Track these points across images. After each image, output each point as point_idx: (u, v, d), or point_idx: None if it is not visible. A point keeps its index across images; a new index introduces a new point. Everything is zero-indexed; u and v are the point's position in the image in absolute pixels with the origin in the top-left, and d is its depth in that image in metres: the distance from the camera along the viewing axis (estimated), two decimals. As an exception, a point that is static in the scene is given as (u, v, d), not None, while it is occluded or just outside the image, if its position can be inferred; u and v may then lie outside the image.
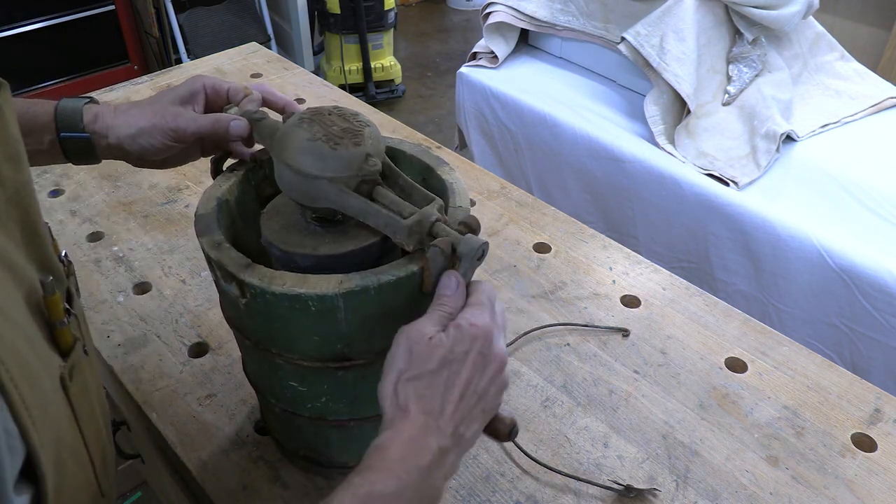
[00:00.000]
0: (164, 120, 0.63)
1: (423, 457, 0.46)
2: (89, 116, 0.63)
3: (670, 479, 0.69)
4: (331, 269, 0.52)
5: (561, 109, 1.71)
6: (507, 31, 1.87)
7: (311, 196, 0.55)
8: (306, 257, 0.55)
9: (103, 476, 0.50)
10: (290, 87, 1.34)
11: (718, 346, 0.84)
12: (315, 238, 0.57)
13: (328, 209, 0.56)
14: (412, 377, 0.48)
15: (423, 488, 0.46)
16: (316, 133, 0.54)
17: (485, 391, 0.51)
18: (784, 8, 1.52)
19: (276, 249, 0.56)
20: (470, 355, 0.49)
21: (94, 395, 0.50)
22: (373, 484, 0.44)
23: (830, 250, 1.32)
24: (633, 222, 1.64)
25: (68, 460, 0.43)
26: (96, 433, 0.49)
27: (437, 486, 0.48)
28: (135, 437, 0.95)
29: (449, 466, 0.49)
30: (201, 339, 0.83)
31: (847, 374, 0.80)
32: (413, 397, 0.48)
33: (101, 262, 0.93)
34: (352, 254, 0.55)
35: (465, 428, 0.50)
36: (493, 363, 0.51)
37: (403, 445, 0.46)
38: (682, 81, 1.50)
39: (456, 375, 0.49)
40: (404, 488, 0.45)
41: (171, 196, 1.06)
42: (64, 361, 0.43)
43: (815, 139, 1.53)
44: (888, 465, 0.71)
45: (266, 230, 0.58)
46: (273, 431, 0.71)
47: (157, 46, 2.74)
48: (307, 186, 0.54)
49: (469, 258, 0.51)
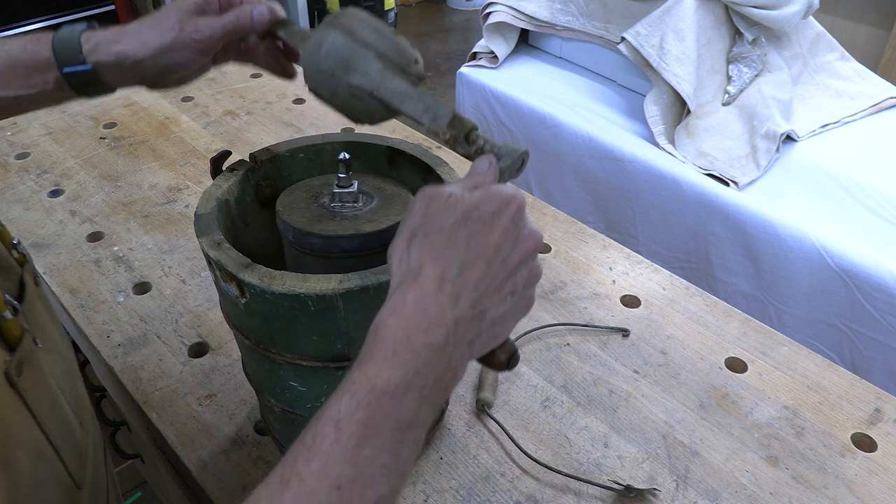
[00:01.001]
0: (185, 33, 0.58)
1: (435, 332, 0.37)
2: (88, 46, 0.58)
3: (670, 479, 0.69)
4: (374, 249, 0.54)
5: (561, 109, 1.71)
6: (507, 31, 1.87)
7: (348, 66, 0.51)
8: (352, 238, 0.56)
9: (77, 468, 0.49)
10: (290, 87, 1.34)
11: (718, 346, 0.84)
12: (342, 223, 0.58)
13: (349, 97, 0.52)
14: (428, 233, 0.40)
15: (437, 371, 0.37)
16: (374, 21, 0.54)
17: (516, 268, 0.41)
18: (784, 8, 1.52)
19: (316, 238, 0.57)
20: (500, 218, 0.40)
21: (58, 386, 0.48)
22: (373, 380, 0.36)
23: (830, 250, 1.32)
24: (633, 222, 1.64)
25: (21, 457, 0.42)
26: (62, 426, 0.48)
27: (453, 366, 0.39)
28: (135, 437, 0.95)
29: (466, 347, 0.39)
30: (201, 339, 0.83)
31: (847, 374, 0.80)
32: (427, 256, 0.39)
33: (101, 262, 0.93)
34: (393, 228, 0.57)
35: (490, 303, 0.40)
36: (527, 240, 0.42)
37: (408, 319, 0.38)
38: (682, 81, 1.50)
39: (481, 235, 0.40)
40: (413, 376, 0.36)
41: (171, 196, 1.06)
42: (10, 356, 0.42)
43: (815, 139, 1.53)
44: (888, 465, 0.71)
45: (296, 223, 0.58)
46: (273, 431, 0.71)
47: (157, 46, 2.74)
48: (351, 54, 0.51)
49: (511, 166, 0.46)
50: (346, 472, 0.34)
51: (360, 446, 0.35)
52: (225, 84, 1.36)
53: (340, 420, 0.35)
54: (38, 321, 0.49)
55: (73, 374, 0.54)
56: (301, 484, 0.33)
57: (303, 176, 0.66)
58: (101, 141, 1.18)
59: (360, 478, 0.34)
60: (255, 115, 1.26)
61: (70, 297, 0.88)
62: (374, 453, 0.35)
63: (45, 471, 0.45)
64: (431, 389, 0.37)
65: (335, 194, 0.60)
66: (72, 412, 0.51)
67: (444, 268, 0.39)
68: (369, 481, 0.35)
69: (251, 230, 0.65)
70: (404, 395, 0.36)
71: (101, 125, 1.23)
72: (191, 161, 1.14)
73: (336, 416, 0.35)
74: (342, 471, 0.34)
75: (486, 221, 0.40)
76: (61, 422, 0.48)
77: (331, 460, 0.34)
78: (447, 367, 0.38)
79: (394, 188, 0.63)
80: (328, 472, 0.34)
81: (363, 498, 0.34)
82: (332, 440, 0.35)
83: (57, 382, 0.49)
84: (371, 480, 0.35)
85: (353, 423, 0.35)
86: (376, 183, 0.64)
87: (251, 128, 1.22)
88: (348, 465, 0.34)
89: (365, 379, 0.36)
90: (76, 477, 0.49)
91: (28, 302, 0.47)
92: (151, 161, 1.14)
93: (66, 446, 0.48)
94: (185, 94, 1.32)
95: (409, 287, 0.39)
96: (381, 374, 0.36)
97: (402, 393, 0.36)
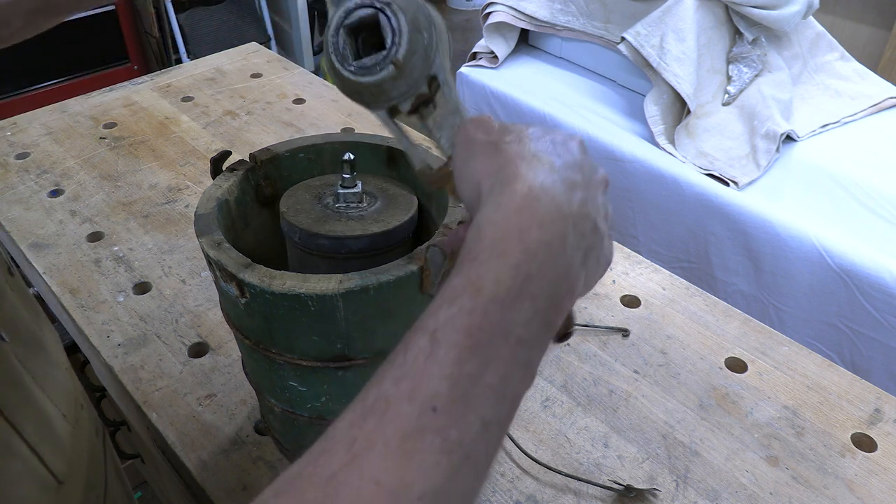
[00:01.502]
0: None
1: (552, 227, 0.31)
2: None
3: (670, 479, 0.69)
4: (381, 249, 0.54)
5: (561, 109, 1.71)
6: (507, 31, 1.87)
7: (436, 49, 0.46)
8: (359, 239, 0.56)
9: (56, 463, 0.48)
10: (290, 87, 1.34)
11: (718, 346, 0.84)
12: (349, 224, 0.58)
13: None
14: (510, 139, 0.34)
15: (553, 278, 0.31)
16: None
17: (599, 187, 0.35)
18: (784, 8, 1.52)
19: (324, 239, 0.57)
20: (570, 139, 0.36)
21: (35, 381, 0.48)
22: (477, 283, 0.30)
23: (830, 250, 1.32)
24: (633, 222, 1.64)
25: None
26: (38, 421, 0.47)
27: (571, 277, 0.32)
28: (135, 437, 0.95)
29: (582, 258, 0.32)
30: (201, 339, 0.83)
31: (847, 374, 0.80)
32: (516, 157, 0.33)
33: (101, 262, 0.93)
34: (400, 228, 0.57)
35: (595, 209, 0.33)
36: (599, 168, 0.36)
37: (518, 212, 0.31)
38: (682, 81, 1.50)
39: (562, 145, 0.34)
40: (525, 281, 0.30)
41: (171, 196, 1.06)
42: None
43: (815, 139, 1.53)
44: (888, 465, 0.71)
45: (302, 224, 0.58)
46: (273, 431, 0.71)
47: (157, 46, 2.74)
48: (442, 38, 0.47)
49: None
50: (443, 390, 0.28)
51: (462, 360, 0.28)
52: (225, 84, 1.36)
53: (437, 330, 0.29)
54: (7, 315, 0.48)
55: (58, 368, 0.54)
56: (388, 408, 0.28)
57: (303, 176, 0.66)
58: (101, 141, 1.18)
59: (462, 398, 0.28)
60: (255, 115, 1.26)
61: (70, 297, 0.88)
62: (478, 369, 0.29)
63: (18, 466, 0.44)
64: (546, 302, 0.30)
65: (339, 195, 0.60)
66: (54, 407, 0.50)
67: (549, 164, 0.32)
68: (472, 403, 0.28)
69: (251, 230, 0.65)
70: (514, 303, 0.29)
71: (101, 125, 1.23)
72: (191, 161, 1.14)
73: (432, 326, 0.29)
74: (439, 389, 0.28)
75: (563, 139, 0.35)
76: (36, 417, 0.47)
77: (425, 377, 0.28)
78: (564, 275, 0.31)
79: (396, 188, 0.63)
80: (421, 391, 0.28)
81: (464, 421, 0.28)
82: (427, 354, 0.29)
83: (33, 376, 0.48)
84: (474, 402, 0.28)
85: (453, 333, 0.29)
86: (378, 183, 0.64)
87: (251, 128, 1.22)
88: (446, 382, 0.28)
89: (467, 283, 0.30)
90: (57, 473, 0.48)
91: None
92: (151, 161, 1.14)
93: (45, 442, 0.47)
94: (186, 95, 1.32)
95: (512, 183, 0.32)
96: (487, 276, 0.30)
97: (513, 300, 0.29)
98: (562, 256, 0.31)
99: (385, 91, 0.44)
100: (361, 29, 0.45)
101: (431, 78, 0.45)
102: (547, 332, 0.31)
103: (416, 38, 0.43)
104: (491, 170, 0.34)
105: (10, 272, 0.52)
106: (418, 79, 0.44)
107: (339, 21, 0.44)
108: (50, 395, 0.50)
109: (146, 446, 0.85)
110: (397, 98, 0.45)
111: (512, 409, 0.31)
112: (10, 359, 0.45)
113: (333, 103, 1.29)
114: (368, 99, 0.45)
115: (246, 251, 0.53)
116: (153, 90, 1.34)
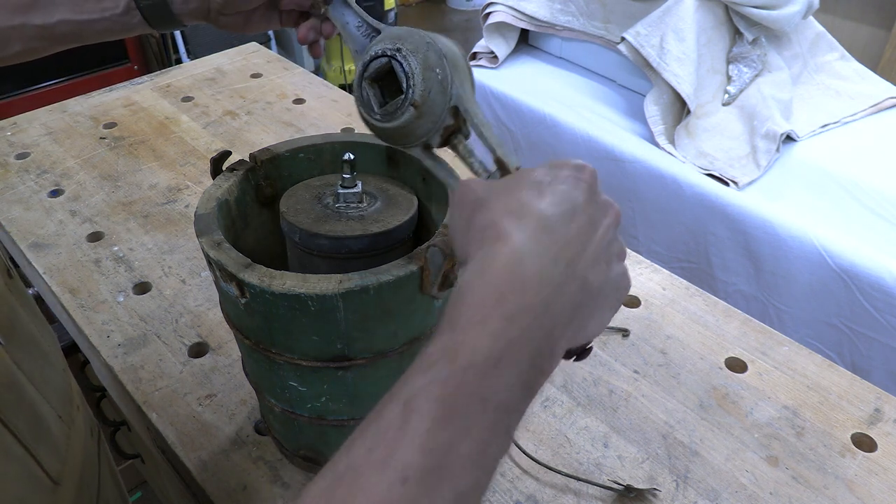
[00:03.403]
0: None
1: (533, 293, 0.30)
2: None
3: (670, 479, 0.69)
4: (381, 250, 0.54)
5: (561, 109, 1.71)
6: (507, 31, 1.87)
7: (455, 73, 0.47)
8: (360, 239, 0.56)
9: (55, 465, 0.48)
10: (290, 87, 1.34)
11: (718, 346, 0.84)
12: (349, 224, 0.58)
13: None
14: (499, 195, 0.34)
15: (534, 343, 0.30)
16: None
17: (606, 233, 0.35)
18: (784, 8, 1.52)
19: (324, 239, 0.57)
20: (580, 176, 0.35)
21: (30, 381, 0.48)
22: (454, 351, 0.29)
23: (830, 250, 1.32)
24: (633, 222, 1.64)
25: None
26: (33, 422, 0.47)
27: (553, 339, 0.31)
28: (135, 437, 0.95)
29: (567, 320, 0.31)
30: (201, 339, 0.83)
31: (847, 374, 0.80)
32: (507, 213, 0.32)
33: (101, 262, 0.93)
34: (400, 228, 0.57)
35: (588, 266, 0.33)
36: (608, 206, 0.36)
37: (499, 277, 0.30)
38: (682, 81, 1.50)
39: (564, 192, 0.33)
40: (505, 347, 0.29)
41: (171, 196, 1.06)
42: None
43: (815, 139, 1.53)
44: (888, 465, 0.71)
45: (302, 224, 0.58)
46: (273, 431, 0.71)
47: (157, 46, 2.74)
48: (459, 63, 0.48)
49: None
50: (415, 461, 0.27)
51: (435, 430, 0.28)
52: (225, 84, 1.36)
53: (411, 398, 0.28)
54: (5, 318, 0.48)
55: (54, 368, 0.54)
56: (357, 478, 0.27)
57: (303, 176, 0.66)
58: (101, 141, 1.18)
59: (435, 469, 0.27)
60: (255, 115, 1.26)
61: (70, 297, 0.88)
62: (452, 439, 0.28)
63: (15, 468, 0.44)
64: (528, 367, 0.30)
65: (339, 195, 0.60)
66: (50, 408, 0.50)
67: (537, 220, 0.32)
68: (446, 473, 0.27)
69: (251, 230, 0.65)
70: (494, 370, 0.29)
71: (101, 125, 1.23)
72: (191, 161, 1.14)
73: (406, 394, 0.29)
74: (411, 459, 0.27)
75: (563, 180, 0.34)
76: (31, 418, 0.47)
77: (397, 447, 0.27)
78: (546, 338, 0.31)
79: (396, 189, 0.63)
80: (393, 461, 0.27)
81: (437, 493, 0.27)
82: (400, 423, 0.28)
83: (29, 377, 0.48)
84: (448, 472, 0.27)
85: (426, 402, 0.28)
86: (378, 183, 0.64)
87: (251, 128, 1.22)
88: (419, 453, 0.27)
89: (444, 351, 0.29)
90: (52, 473, 0.48)
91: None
92: (151, 161, 1.14)
93: (40, 443, 0.47)
94: (186, 95, 1.32)
95: (495, 244, 0.31)
96: (465, 344, 0.29)
97: (492, 367, 0.29)
98: (545, 319, 0.30)
99: (412, 131, 0.47)
100: (381, 77, 0.48)
101: (454, 108, 0.47)
102: (529, 395, 0.31)
103: (430, 76, 0.45)
104: (477, 229, 0.33)
105: (9, 274, 0.52)
106: (440, 113, 0.46)
107: (360, 73, 0.49)
108: (45, 396, 0.50)
109: (146, 446, 0.85)
110: (425, 135, 0.47)
111: (489, 476, 0.30)
112: (6, 360, 0.45)
113: (333, 103, 1.29)
114: (401, 141, 0.48)
115: (246, 251, 0.53)
116: (153, 90, 1.34)
